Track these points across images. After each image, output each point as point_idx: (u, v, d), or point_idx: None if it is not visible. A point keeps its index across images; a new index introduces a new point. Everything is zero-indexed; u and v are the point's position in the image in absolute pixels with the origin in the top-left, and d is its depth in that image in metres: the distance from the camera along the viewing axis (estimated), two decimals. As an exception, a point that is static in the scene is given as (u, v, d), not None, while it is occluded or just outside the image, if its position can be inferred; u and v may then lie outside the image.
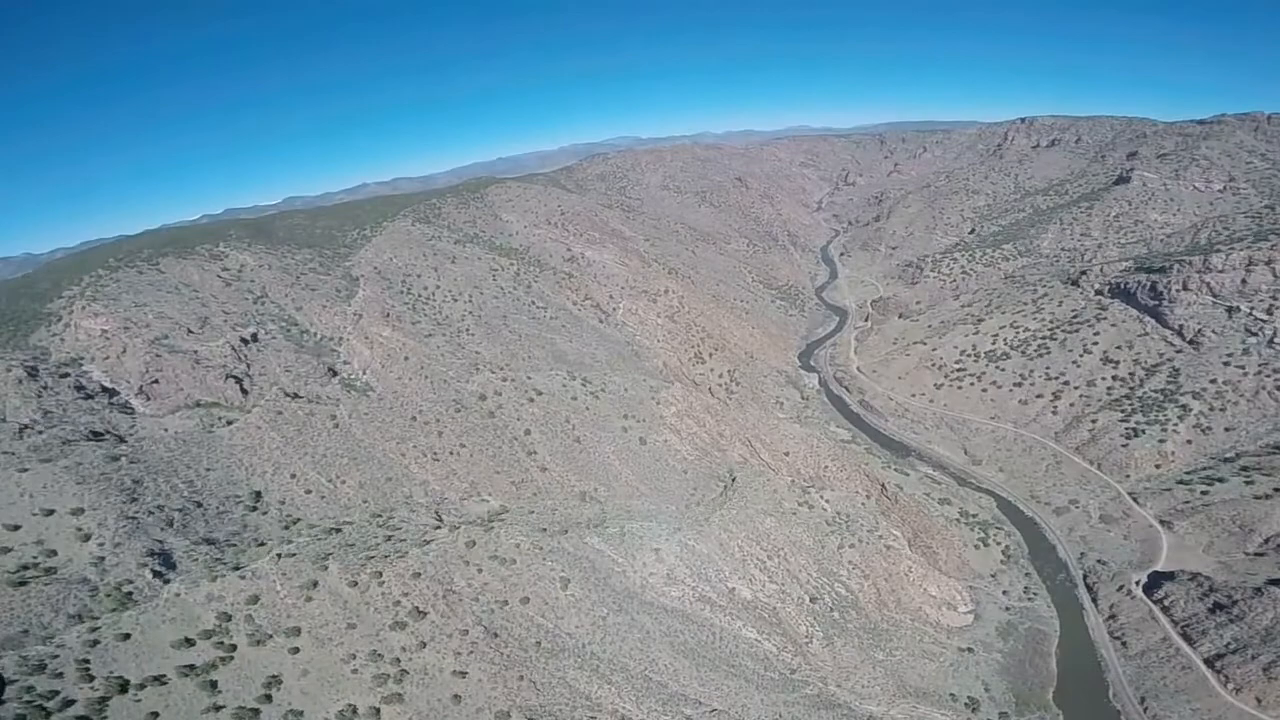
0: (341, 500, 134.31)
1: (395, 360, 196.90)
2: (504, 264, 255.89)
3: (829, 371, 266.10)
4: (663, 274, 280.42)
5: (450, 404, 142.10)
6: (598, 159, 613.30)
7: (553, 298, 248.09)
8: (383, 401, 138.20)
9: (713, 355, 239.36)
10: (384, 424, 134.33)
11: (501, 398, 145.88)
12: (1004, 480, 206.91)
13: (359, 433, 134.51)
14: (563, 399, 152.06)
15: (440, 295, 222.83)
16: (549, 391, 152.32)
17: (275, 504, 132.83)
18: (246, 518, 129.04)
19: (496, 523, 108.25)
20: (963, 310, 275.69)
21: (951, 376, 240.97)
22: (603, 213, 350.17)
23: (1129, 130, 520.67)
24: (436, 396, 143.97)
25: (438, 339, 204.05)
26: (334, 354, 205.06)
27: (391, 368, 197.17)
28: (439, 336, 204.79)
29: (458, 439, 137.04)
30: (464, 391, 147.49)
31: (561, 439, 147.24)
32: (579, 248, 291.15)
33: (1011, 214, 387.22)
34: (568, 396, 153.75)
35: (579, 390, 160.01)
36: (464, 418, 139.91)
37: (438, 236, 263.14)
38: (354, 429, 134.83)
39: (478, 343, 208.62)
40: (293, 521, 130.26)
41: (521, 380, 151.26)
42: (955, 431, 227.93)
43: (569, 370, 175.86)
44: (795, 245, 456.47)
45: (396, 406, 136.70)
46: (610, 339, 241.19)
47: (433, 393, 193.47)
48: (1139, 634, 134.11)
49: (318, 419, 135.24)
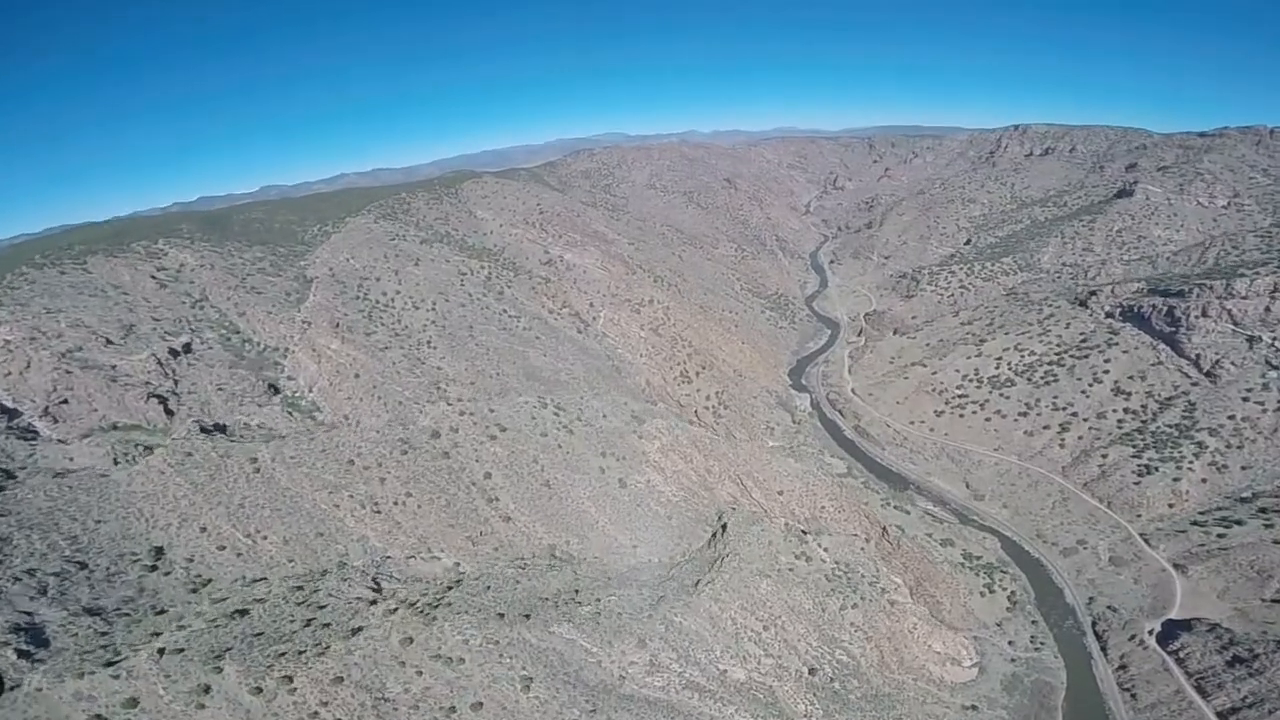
0: (263, 559, 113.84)
1: (345, 377, 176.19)
2: (474, 267, 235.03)
3: (821, 392, 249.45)
4: (647, 281, 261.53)
5: (395, 444, 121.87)
6: (583, 154, 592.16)
7: (527, 305, 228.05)
8: (314, 443, 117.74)
9: (699, 374, 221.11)
10: (314, 469, 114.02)
11: (458, 435, 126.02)
12: (1008, 518, 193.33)
13: (284, 479, 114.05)
14: (530, 435, 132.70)
15: (400, 302, 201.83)
16: (514, 427, 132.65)
17: (181, 563, 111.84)
18: (144, 580, 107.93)
19: (441, 608, 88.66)
20: (963, 329, 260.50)
21: (953, 403, 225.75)
22: (585, 212, 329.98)
23: (1124, 141, 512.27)
24: (380, 436, 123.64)
25: (394, 353, 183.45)
26: (278, 367, 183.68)
27: (340, 385, 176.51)
28: (396, 350, 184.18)
29: (404, 486, 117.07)
30: (413, 429, 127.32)
31: (528, 483, 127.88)
32: (558, 250, 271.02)
33: (1009, 225, 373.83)
34: (536, 432, 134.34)
35: (550, 423, 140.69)
36: (412, 460, 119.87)
37: (402, 235, 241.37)
38: (278, 474, 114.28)
39: (439, 357, 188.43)
40: (203, 583, 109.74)
41: (482, 414, 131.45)
42: (956, 463, 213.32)
43: (540, 394, 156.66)
44: (784, 251, 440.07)
45: (330, 449, 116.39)
46: (589, 352, 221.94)
47: (386, 411, 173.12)
48: (1150, 686, 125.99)
49: (234, 461, 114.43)
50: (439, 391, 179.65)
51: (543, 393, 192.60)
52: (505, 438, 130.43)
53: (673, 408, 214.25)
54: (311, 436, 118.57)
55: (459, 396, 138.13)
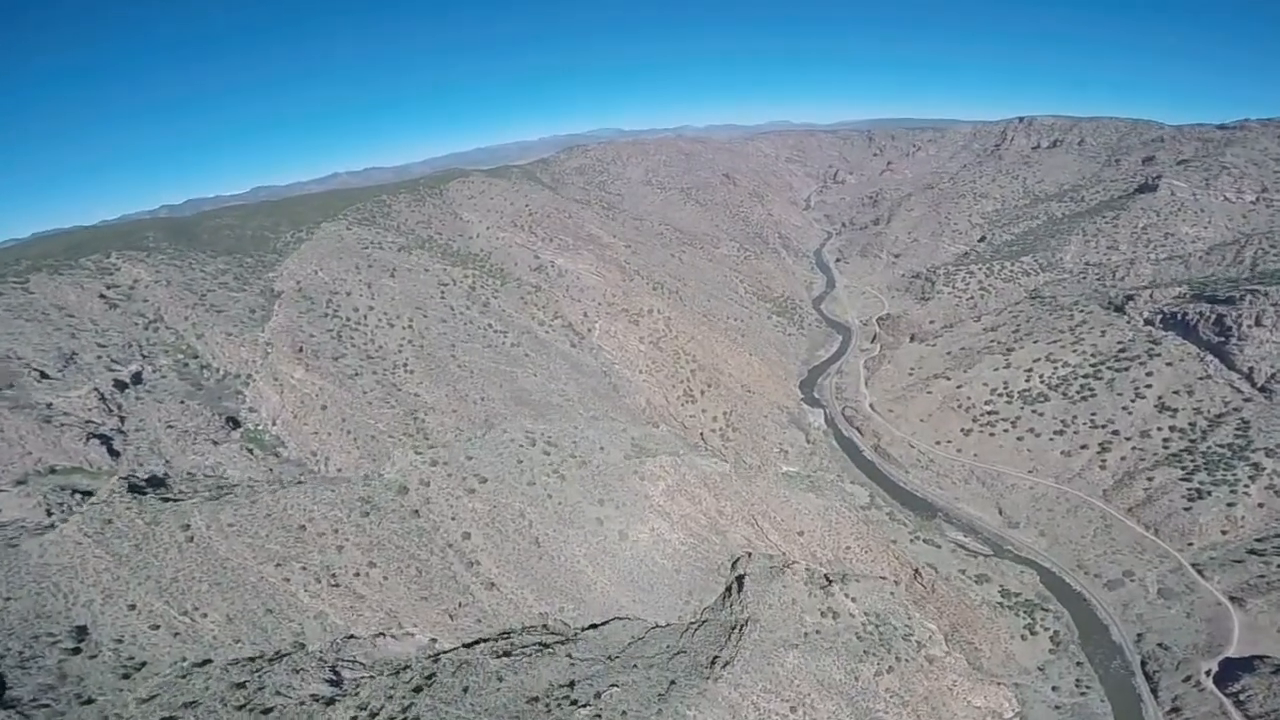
0: (204, 638, 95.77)
1: (310, 409, 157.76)
2: (457, 276, 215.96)
3: (836, 407, 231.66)
4: (646, 289, 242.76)
5: (355, 504, 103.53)
6: (576, 151, 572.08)
7: (515, 318, 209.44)
8: (256, 506, 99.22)
9: (705, 393, 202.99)
10: (257, 538, 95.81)
11: (430, 489, 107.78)
12: (1046, 547, 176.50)
13: (223, 549, 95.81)
14: (515, 485, 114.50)
15: (373, 319, 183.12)
16: (497, 476, 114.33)
17: (108, 644, 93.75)
18: (66, 664, 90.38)
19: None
20: (986, 336, 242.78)
21: (981, 420, 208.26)
22: (578, 213, 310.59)
23: (1135, 133, 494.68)
24: (337, 496, 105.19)
25: (366, 379, 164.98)
26: (239, 397, 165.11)
27: (306, 418, 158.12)
28: (367, 376, 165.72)
29: (366, 555, 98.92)
30: (376, 485, 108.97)
31: (514, 542, 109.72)
32: (549, 254, 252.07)
33: (1024, 221, 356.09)
34: (523, 481, 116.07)
35: (538, 467, 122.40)
36: (375, 524, 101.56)
37: (378, 242, 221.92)
38: (216, 544, 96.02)
39: (417, 383, 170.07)
40: (135, 667, 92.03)
41: (458, 463, 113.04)
42: (988, 487, 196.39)
43: (528, 427, 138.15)
44: (788, 249, 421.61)
45: (277, 513, 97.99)
46: (584, 369, 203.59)
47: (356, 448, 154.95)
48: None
49: (164, 529, 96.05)
50: (416, 422, 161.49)
51: (533, 419, 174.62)
52: (486, 490, 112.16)
53: (676, 430, 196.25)
54: (254, 499, 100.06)
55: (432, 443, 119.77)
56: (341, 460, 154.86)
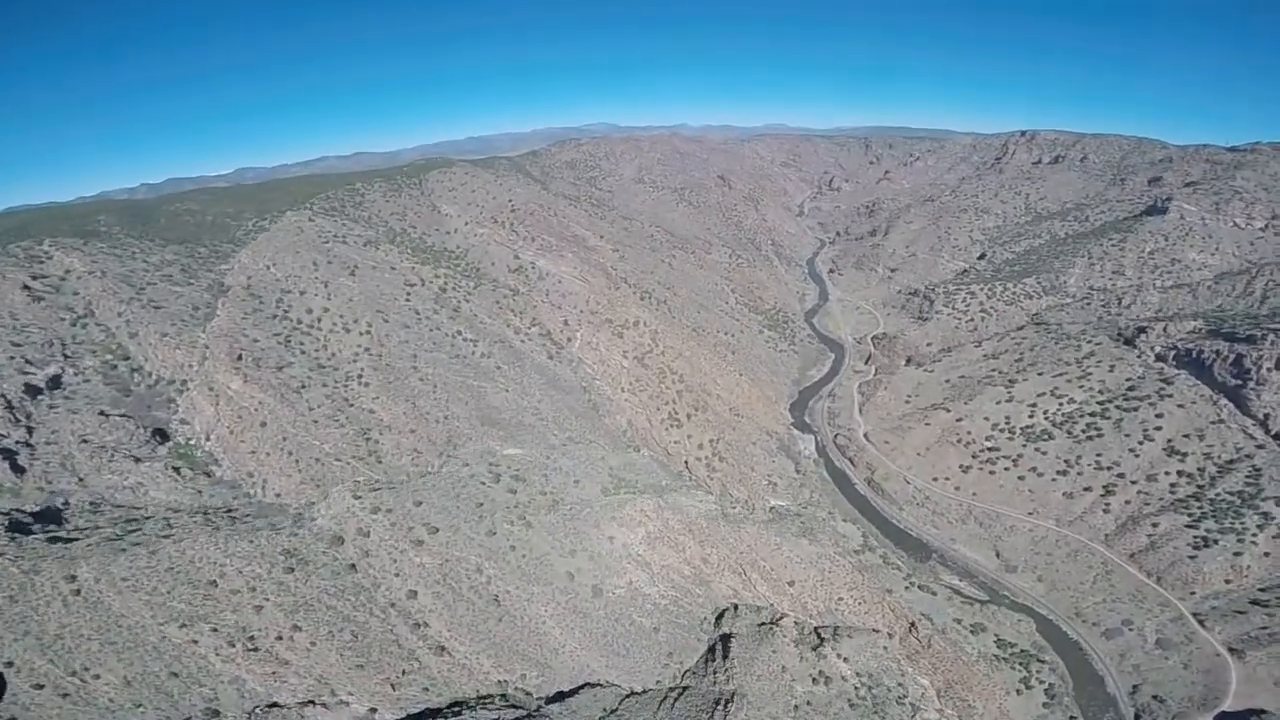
0: (99, 702, 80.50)
1: (248, 425, 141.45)
2: (427, 275, 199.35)
3: (828, 433, 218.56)
4: (633, 298, 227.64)
5: (277, 559, 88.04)
6: (569, 144, 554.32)
7: (488, 324, 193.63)
8: (156, 559, 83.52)
9: (691, 417, 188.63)
10: (157, 594, 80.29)
11: (370, 540, 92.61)
12: (1044, 593, 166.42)
13: (116, 605, 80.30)
14: (472, 535, 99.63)
15: (328, 323, 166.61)
16: (450, 525, 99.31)
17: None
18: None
19: None
20: (988, 364, 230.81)
21: (981, 457, 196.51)
22: (564, 210, 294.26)
23: (1139, 151, 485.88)
24: (255, 549, 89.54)
25: (314, 392, 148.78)
26: (171, 406, 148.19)
27: (243, 435, 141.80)
28: (316, 389, 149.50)
29: (289, 616, 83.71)
30: (304, 535, 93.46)
31: (470, 601, 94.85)
32: (530, 254, 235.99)
33: (1026, 239, 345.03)
34: (481, 530, 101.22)
35: (501, 510, 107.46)
36: (302, 581, 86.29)
37: (341, 236, 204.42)
38: (108, 599, 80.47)
39: (372, 397, 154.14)
40: (10, 738, 76.83)
41: (403, 510, 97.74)
42: (986, 528, 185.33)
43: (492, 459, 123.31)
44: (780, 257, 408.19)
45: (181, 566, 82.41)
46: (561, 384, 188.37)
47: (298, 471, 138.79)
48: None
49: (45, 580, 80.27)
50: (368, 443, 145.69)
51: (502, 440, 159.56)
52: (437, 542, 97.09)
53: (659, 456, 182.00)
54: (154, 550, 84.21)
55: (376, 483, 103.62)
56: (281, 485, 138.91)
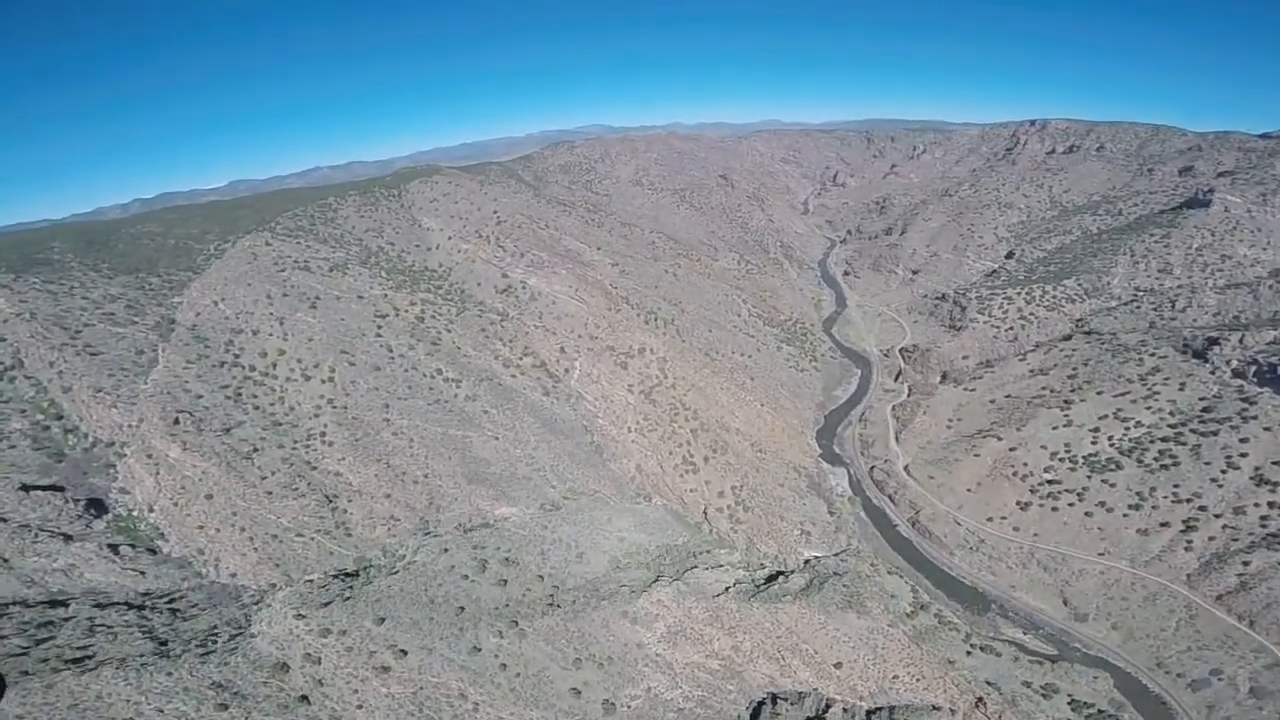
0: None
1: (193, 498, 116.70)
2: (401, 303, 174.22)
3: (862, 465, 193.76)
4: (636, 322, 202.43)
5: (207, 695, 63.03)
6: (562, 147, 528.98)
7: (473, 359, 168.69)
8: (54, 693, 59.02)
9: (709, 460, 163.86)
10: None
11: (322, 668, 68.15)
12: (1120, 643, 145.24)
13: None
14: (451, 655, 75.11)
15: (284, 370, 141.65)
16: (425, 645, 74.67)
17: None
18: None
19: None
20: (1035, 381, 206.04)
21: (1041, 492, 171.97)
22: (556, 220, 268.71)
23: (1156, 139, 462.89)
24: (175, 682, 64.52)
25: (268, 456, 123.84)
26: (110, 473, 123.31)
27: (189, 509, 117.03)
28: (270, 451, 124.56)
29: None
30: (239, 660, 68.56)
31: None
32: (519, 273, 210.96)
33: (1055, 235, 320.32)
34: (463, 647, 76.63)
35: (487, 614, 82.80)
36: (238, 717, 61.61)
37: (302, 261, 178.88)
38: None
39: (338, 457, 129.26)
40: None
41: (361, 631, 73.06)
42: (1051, 573, 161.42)
43: (477, 543, 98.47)
44: (791, 260, 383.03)
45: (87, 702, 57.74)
46: (559, 426, 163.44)
47: (254, 549, 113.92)
48: None
49: None
50: (335, 514, 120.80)
51: (491, 499, 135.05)
52: (407, 666, 72.35)
53: (674, 505, 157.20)
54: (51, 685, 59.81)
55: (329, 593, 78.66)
56: (235, 563, 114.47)
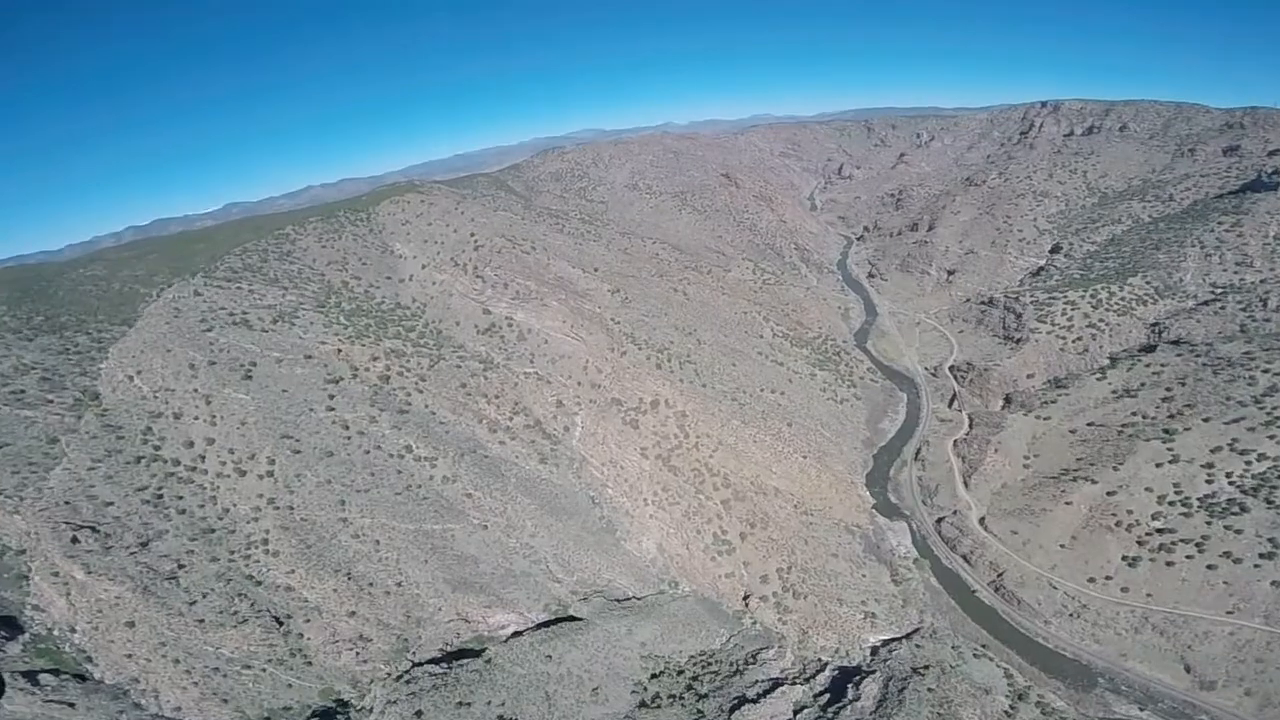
0: None
1: (112, 624, 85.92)
2: (361, 360, 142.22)
3: (926, 518, 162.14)
4: (646, 366, 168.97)
5: None
6: (553, 154, 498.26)
7: (451, 424, 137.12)
8: None
9: (746, 536, 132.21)
10: None
11: None
12: (1256, 710, 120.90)
13: None
14: None
15: (214, 462, 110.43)
16: None
17: None
18: None
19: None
20: (1121, 404, 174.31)
21: (1151, 544, 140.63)
22: (546, 238, 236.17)
23: (1181, 117, 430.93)
24: None
25: (198, 574, 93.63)
26: (23, 586, 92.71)
27: (111, 634, 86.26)
28: (202, 567, 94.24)
29: None
30: None
31: None
32: (504, 307, 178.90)
33: (1103, 225, 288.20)
34: None
35: None
36: None
37: (241, 312, 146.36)
38: None
39: (286, 569, 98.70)
40: None
41: None
42: (1168, 637, 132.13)
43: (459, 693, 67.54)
44: (808, 263, 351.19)
45: None
46: (561, 501, 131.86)
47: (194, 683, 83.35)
48: None
49: None
50: (287, 641, 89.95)
51: (483, 607, 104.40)
52: None
53: (706, 592, 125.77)
54: None
55: None
56: (177, 697, 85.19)
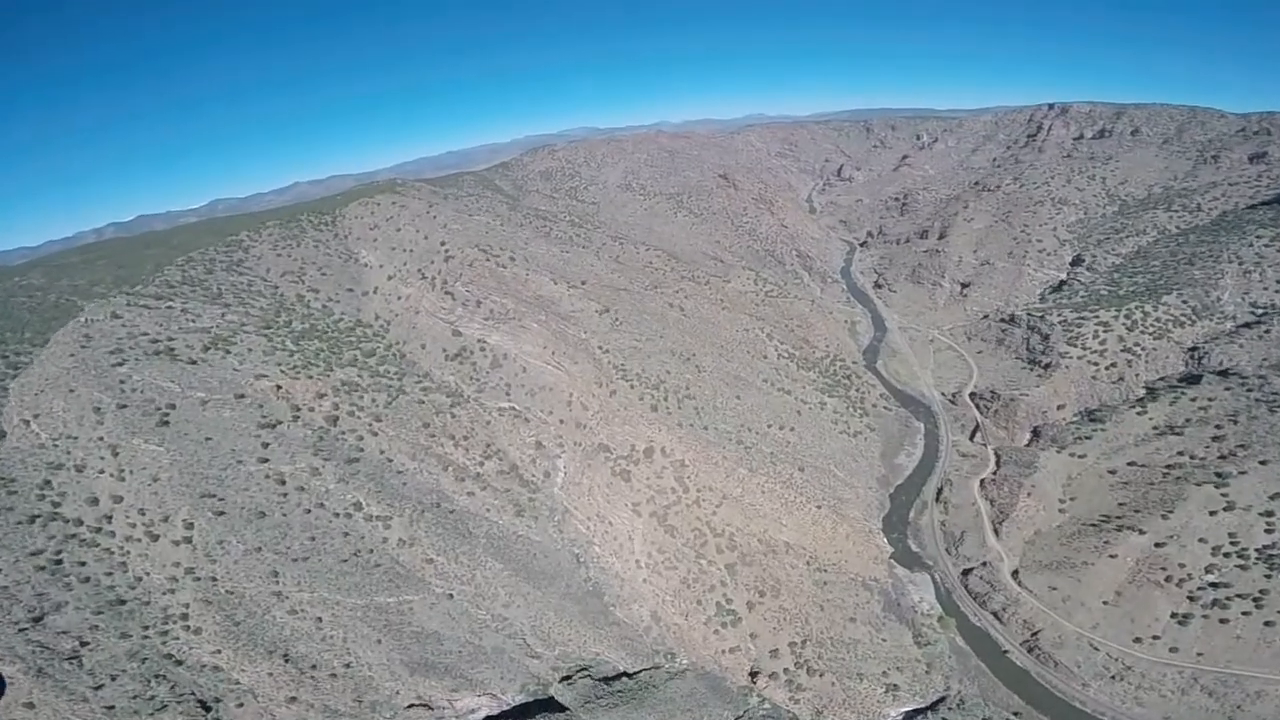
0: None
1: (10, 705, 65.32)
2: (305, 397, 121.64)
3: (951, 570, 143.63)
4: (639, 407, 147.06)
5: None
6: (543, 152, 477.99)
7: (412, 475, 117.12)
8: None
9: (755, 606, 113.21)
10: None
11: None
12: None
13: None
14: None
15: (121, 524, 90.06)
16: None
17: None
18: None
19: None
20: (1165, 441, 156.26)
21: (1202, 599, 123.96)
22: (527, 247, 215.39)
23: (1195, 121, 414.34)
24: None
25: (105, 653, 74.11)
26: None
27: (11, 714, 65.71)
28: (109, 644, 74.37)
29: None
30: None
31: None
32: (476, 328, 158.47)
33: (1127, 236, 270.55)
34: None
35: None
36: None
37: (166, 338, 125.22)
38: None
39: (211, 650, 79.19)
40: None
41: None
42: (1219, 699, 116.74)
43: None
44: (810, 271, 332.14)
45: None
46: (539, 561, 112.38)
47: None
48: None
49: None
50: None
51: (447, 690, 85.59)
52: None
53: (710, 665, 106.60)
54: None
55: None
56: None
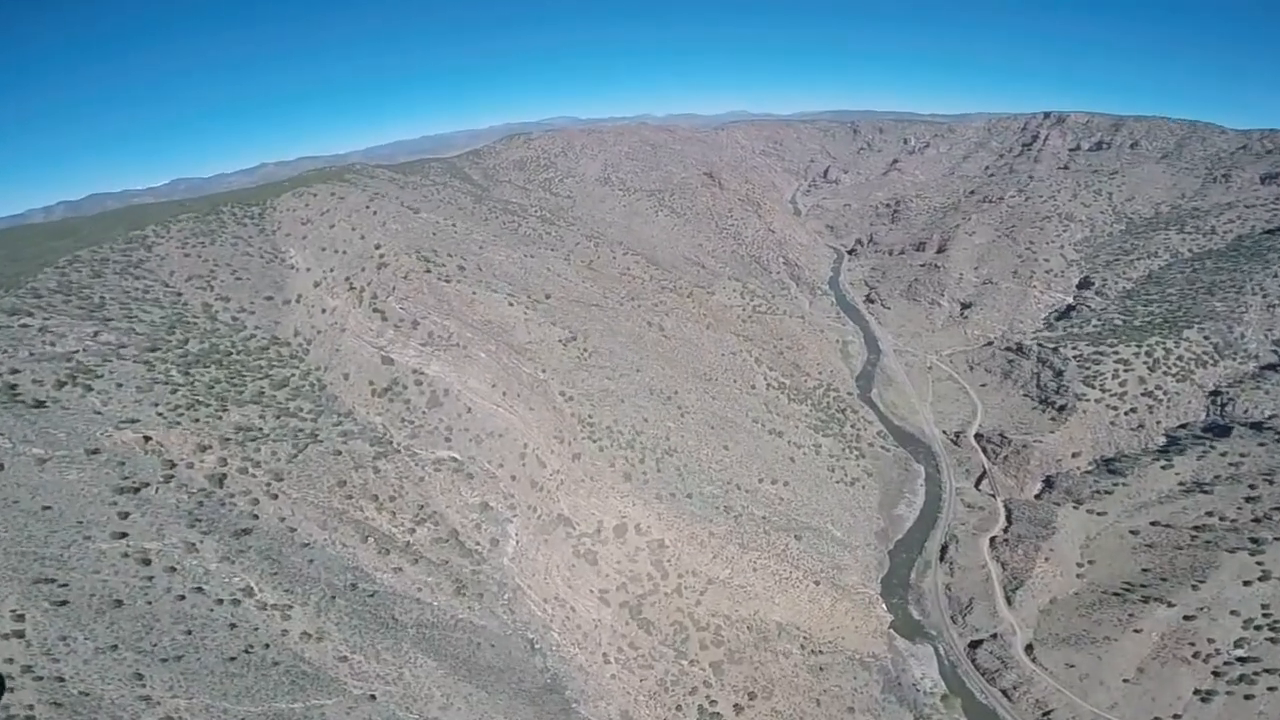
0: None
1: None
2: (184, 450, 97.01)
3: (956, 641, 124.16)
4: (610, 474, 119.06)
5: None
6: (519, 140, 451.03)
7: (321, 546, 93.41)
8: None
9: (743, 710, 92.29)
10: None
11: None
12: None
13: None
14: None
15: None
16: None
17: None
18: None
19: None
20: (1194, 500, 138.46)
21: (1228, 675, 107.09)
22: (483, 252, 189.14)
23: (1195, 136, 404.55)
24: None
25: None
26: None
27: None
28: None
29: None
30: None
31: None
32: (412, 355, 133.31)
33: (1137, 258, 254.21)
34: None
35: None
36: None
37: (6, 374, 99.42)
38: None
39: None
40: None
41: None
42: None
43: None
44: (798, 280, 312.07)
45: None
46: (484, 650, 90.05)
47: None
48: None
49: None
50: None
51: None
52: None
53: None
54: None
55: None
56: None
